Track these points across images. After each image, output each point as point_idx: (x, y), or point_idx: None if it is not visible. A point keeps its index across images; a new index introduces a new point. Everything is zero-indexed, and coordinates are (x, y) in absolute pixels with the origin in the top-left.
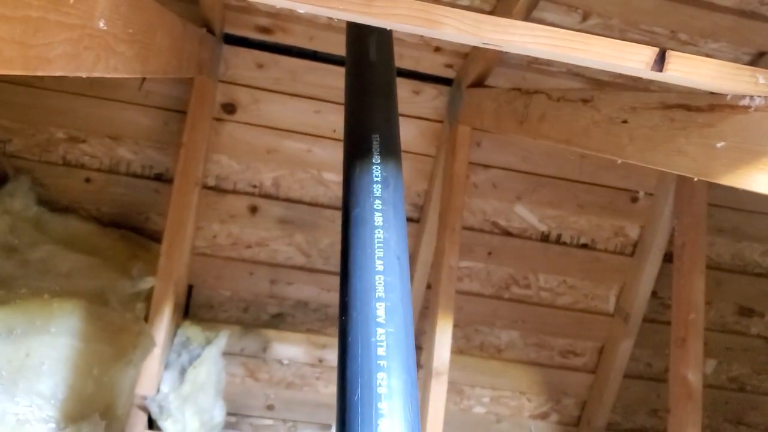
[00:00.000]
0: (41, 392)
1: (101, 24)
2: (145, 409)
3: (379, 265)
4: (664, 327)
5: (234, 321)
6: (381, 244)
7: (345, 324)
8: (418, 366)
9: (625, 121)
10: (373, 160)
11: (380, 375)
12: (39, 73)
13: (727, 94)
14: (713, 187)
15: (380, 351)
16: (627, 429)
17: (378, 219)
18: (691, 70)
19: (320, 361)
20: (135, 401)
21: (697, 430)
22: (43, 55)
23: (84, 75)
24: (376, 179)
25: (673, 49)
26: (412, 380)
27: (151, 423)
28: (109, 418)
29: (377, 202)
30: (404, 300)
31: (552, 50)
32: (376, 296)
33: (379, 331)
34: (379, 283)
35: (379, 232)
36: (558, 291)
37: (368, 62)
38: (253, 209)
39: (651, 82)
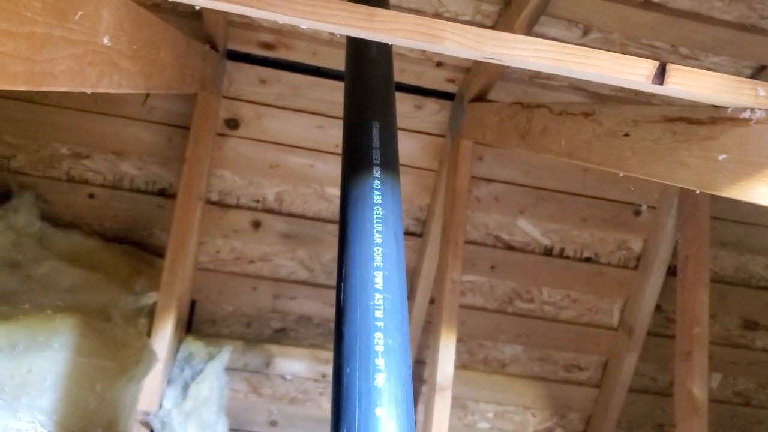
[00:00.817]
0: (43, 408)
1: (105, 40)
2: (147, 425)
3: (377, 238)
4: (669, 341)
5: (237, 336)
6: (380, 220)
7: (344, 290)
8: (422, 381)
9: (626, 135)
10: (373, 145)
11: (377, 335)
12: (44, 89)
13: (728, 107)
14: (716, 200)
15: (378, 314)
16: None
17: (377, 198)
18: (692, 83)
19: (323, 376)
20: (137, 417)
21: None
22: (47, 71)
23: (88, 91)
24: (375, 162)
25: (674, 63)
26: (405, 342)
27: None
28: None
29: (377, 182)
30: (399, 271)
31: (553, 64)
32: (375, 266)
33: (377, 296)
34: (377, 254)
35: (378, 209)
36: (561, 305)
37: (369, 57)
38: (256, 224)
39: (653, 95)
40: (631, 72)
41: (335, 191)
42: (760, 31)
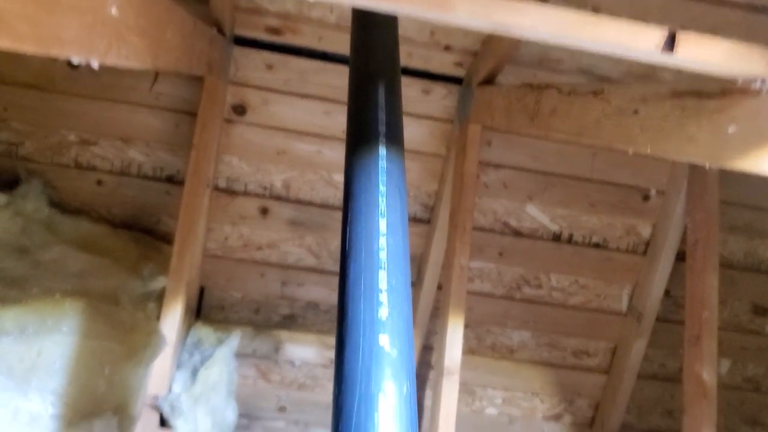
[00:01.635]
0: (53, 390)
1: (113, 11)
2: (156, 408)
3: (382, 189)
4: (678, 327)
5: (245, 322)
6: (384, 173)
7: (349, 233)
8: (430, 366)
9: (636, 112)
10: (379, 105)
11: (381, 273)
12: (53, 53)
13: (739, 79)
14: (726, 184)
15: (381, 255)
16: (641, 430)
17: (382, 151)
18: (702, 51)
19: (332, 362)
20: (147, 400)
21: (713, 429)
22: (56, 35)
23: (96, 62)
24: (381, 120)
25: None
26: (407, 284)
27: (163, 422)
28: (121, 416)
29: (381, 138)
30: (402, 220)
31: (563, 32)
32: (379, 212)
33: (381, 240)
34: (381, 202)
35: (383, 161)
36: (570, 291)
37: (375, 20)
38: (264, 211)
39: (661, 77)
40: (641, 41)
41: (342, 178)
42: None
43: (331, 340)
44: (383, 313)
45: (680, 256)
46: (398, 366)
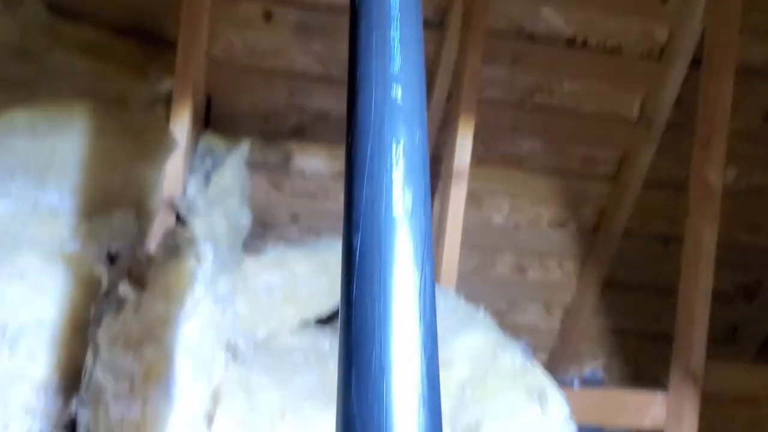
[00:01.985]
0: (70, 186)
1: None
2: (173, 206)
3: None
4: (687, 136)
5: (255, 133)
6: None
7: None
8: (438, 176)
9: None
10: None
11: (393, 24)
12: None
13: None
14: None
15: (393, 7)
16: (644, 234)
17: None
18: None
19: (341, 174)
20: (162, 199)
21: (714, 231)
22: None
23: None
24: None
25: None
26: (419, 37)
27: (179, 221)
28: (139, 212)
29: None
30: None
31: None
32: None
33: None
34: None
35: None
36: (582, 98)
37: None
38: (268, 15)
39: None
40: None
41: None
42: None
43: (341, 152)
44: (396, 65)
45: (696, 65)
46: (411, 116)
